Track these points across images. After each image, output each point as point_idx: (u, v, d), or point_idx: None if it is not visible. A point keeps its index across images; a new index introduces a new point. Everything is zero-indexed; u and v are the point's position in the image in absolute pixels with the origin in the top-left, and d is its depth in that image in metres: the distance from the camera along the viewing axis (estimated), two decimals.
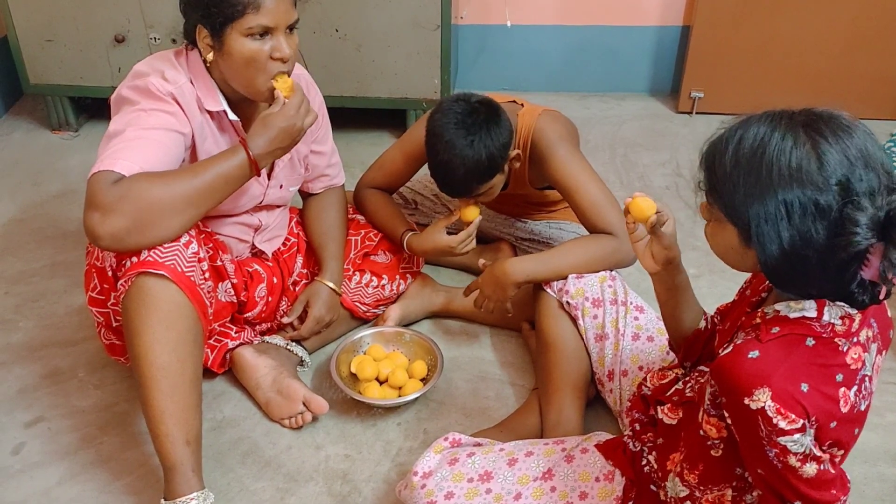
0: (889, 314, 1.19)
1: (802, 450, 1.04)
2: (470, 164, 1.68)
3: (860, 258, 1.01)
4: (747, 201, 1.04)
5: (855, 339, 1.07)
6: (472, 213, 1.83)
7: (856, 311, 1.07)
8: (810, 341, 1.06)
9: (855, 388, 1.07)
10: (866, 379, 1.10)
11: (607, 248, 1.75)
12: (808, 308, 1.07)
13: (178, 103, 1.51)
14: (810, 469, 1.05)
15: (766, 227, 1.03)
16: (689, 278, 1.42)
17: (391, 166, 2.00)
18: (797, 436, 1.02)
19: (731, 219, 1.08)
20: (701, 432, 1.17)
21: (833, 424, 1.05)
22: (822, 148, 1.01)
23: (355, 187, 2.05)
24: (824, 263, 1.02)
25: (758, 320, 1.12)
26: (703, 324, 1.44)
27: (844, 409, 1.06)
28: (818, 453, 1.05)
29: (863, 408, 1.11)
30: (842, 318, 1.07)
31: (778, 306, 1.10)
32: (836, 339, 1.06)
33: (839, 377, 1.06)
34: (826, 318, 1.07)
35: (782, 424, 1.02)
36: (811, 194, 1.00)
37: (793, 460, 1.04)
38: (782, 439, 1.03)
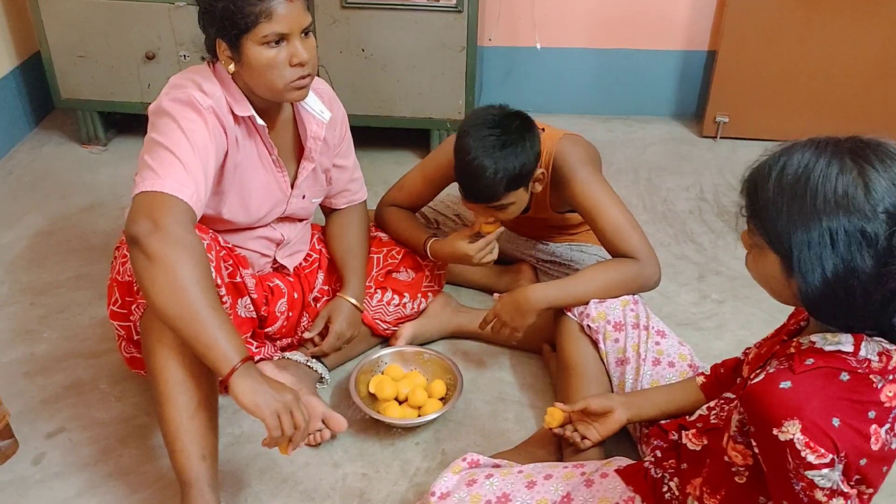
0: None
1: (830, 485, 1.02)
2: (501, 166, 1.68)
3: None
4: (790, 228, 1.02)
5: (891, 377, 1.05)
6: (491, 227, 1.83)
7: (894, 348, 1.06)
8: (845, 376, 1.04)
9: (887, 426, 1.05)
10: None
11: (629, 272, 1.74)
12: (845, 342, 1.05)
13: (218, 117, 1.53)
14: None
15: (808, 255, 1.01)
16: (647, 399, 1.56)
17: (411, 188, 2.01)
18: (825, 471, 1.01)
19: (773, 246, 1.06)
20: (726, 458, 1.15)
21: (863, 462, 1.03)
22: (870, 175, 0.99)
23: (377, 206, 2.06)
24: (868, 295, 1.00)
25: (792, 350, 1.11)
26: (700, 380, 1.51)
27: (875, 447, 1.04)
28: (845, 489, 1.03)
29: (894, 446, 1.09)
30: (879, 354, 1.05)
31: (814, 338, 1.08)
32: (871, 376, 1.04)
33: (871, 414, 1.04)
34: (863, 353, 1.05)
35: (811, 458, 1.00)
36: (857, 222, 0.98)
37: (819, 495, 1.03)
38: (810, 473, 1.01)
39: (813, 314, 1.09)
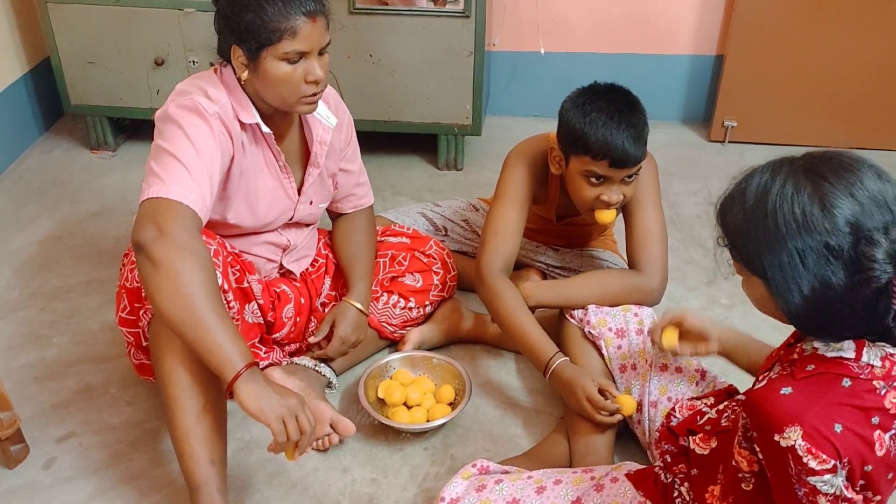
0: None
1: (833, 491, 1.02)
2: (642, 120, 1.67)
3: (885, 294, 0.99)
4: (761, 253, 1.04)
5: (894, 383, 1.05)
6: (610, 215, 1.75)
7: None
8: (847, 382, 1.04)
9: (892, 432, 1.05)
10: None
11: (627, 285, 1.76)
12: (847, 348, 1.05)
13: (223, 122, 1.54)
14: None
15: (783, 277, 1.02)
16: (744, 335, 1.53)
17: (510, 225, 1.80)
18: (827, 476, 1.01)
19: (751, 271, 1.08)
20: (733, 463, 1.15)
21: (868, 468, 1.03)
22: (825, 190, 1.00)
23: (480, 271, 1.79)
24: (850, 304, 1.01)
25: (795, 356, 1.11)
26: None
27: (880, 453, 1.04)
28: (849, 495, 1.03)
29: None
30: (882, 359, 1.05)
31: (816, 343, 1.09)
32: (874, 382, 1.04)
33: (875, 420, 1.03)
34: (865, 359, 1.05)
35: (812, 464, 1.00)
36: (820, 238, 0.99)
37: (823, 501, 1.02)
38: (812, 479, 1.01)
39: (802, 331, 1.10)
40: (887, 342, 1.05)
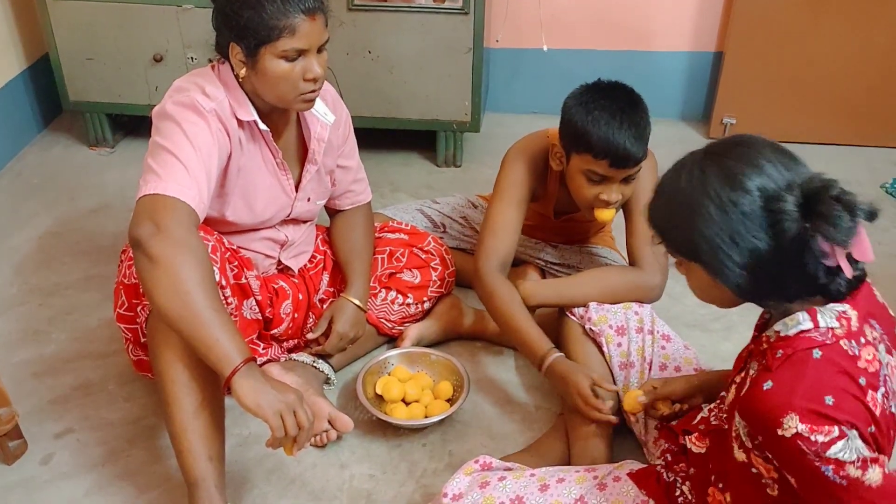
0: (891, 313, 1.19)
1: (855, 455, 1.02)
2: (644, 120, 1.66)
3: (804, 244, 1.04)
4: (691, 239, 1.10)
5: (863, 340, 1.07)
6: (609, 213, 1.74)
7: (849, 307, 1.08)
8: (817, 353, 1.06)
9: (882, 390, 1.06)
10: (887, 378, 1.09)
11: (628, 282, 1.75)
12: (803, 321, 1.08)
13: (221, 119, 1.54)
14: (875, 475, 1.02)
15: (715, 256, 1.09)
16: (713, 376, 1.54)
17: (507, 223, 1.80)
18: (841, 443, 1.01)
19: (688, 258, 1.14)
20: (753, 470, 1.14)
21: (871, 429, 1.04)
22: (728, 165, 1.08)
23: (477, 269, 1.79)
24: (781, 264, 1.06)
25: (764, 346, 1.13)
26: None
27: (877, 412, 1.05)
28: (874, 455, 1.03)
29: (895, 409, 1.10)
30: (838, 318, 1.08)
31: (777, 326, 1.11)
32: (840, 342, 1.06)
33: (862, 381, 1.05)
34: (822, 323, 1.07)
35: (822, 438, 1.01)
36: (737, 210, 1.06)
37: (852, 470, 1.02)
38: (830, 452, 1.01)
39: (753, 301, 1.15)
40: (831, 299, 1.09)
